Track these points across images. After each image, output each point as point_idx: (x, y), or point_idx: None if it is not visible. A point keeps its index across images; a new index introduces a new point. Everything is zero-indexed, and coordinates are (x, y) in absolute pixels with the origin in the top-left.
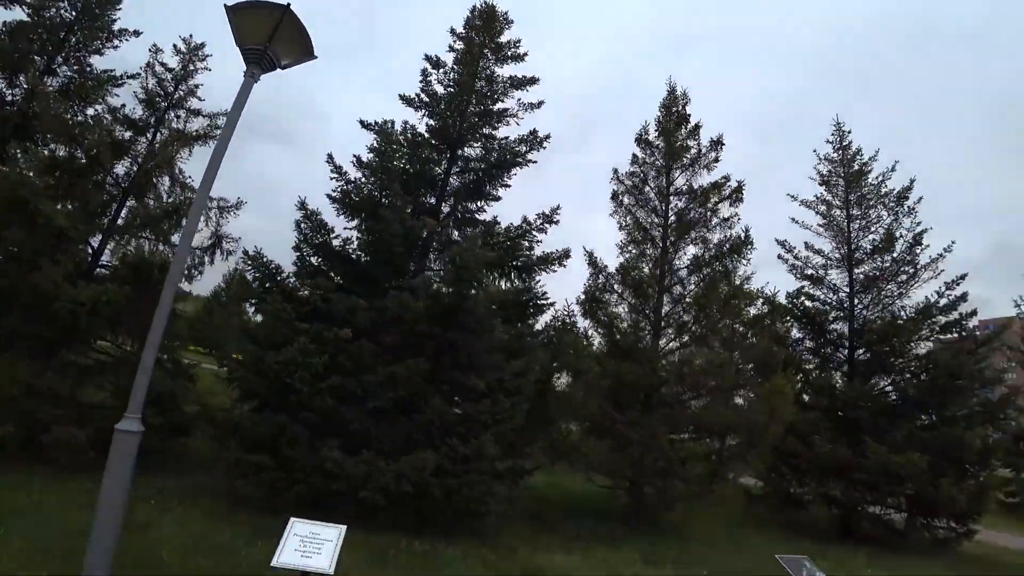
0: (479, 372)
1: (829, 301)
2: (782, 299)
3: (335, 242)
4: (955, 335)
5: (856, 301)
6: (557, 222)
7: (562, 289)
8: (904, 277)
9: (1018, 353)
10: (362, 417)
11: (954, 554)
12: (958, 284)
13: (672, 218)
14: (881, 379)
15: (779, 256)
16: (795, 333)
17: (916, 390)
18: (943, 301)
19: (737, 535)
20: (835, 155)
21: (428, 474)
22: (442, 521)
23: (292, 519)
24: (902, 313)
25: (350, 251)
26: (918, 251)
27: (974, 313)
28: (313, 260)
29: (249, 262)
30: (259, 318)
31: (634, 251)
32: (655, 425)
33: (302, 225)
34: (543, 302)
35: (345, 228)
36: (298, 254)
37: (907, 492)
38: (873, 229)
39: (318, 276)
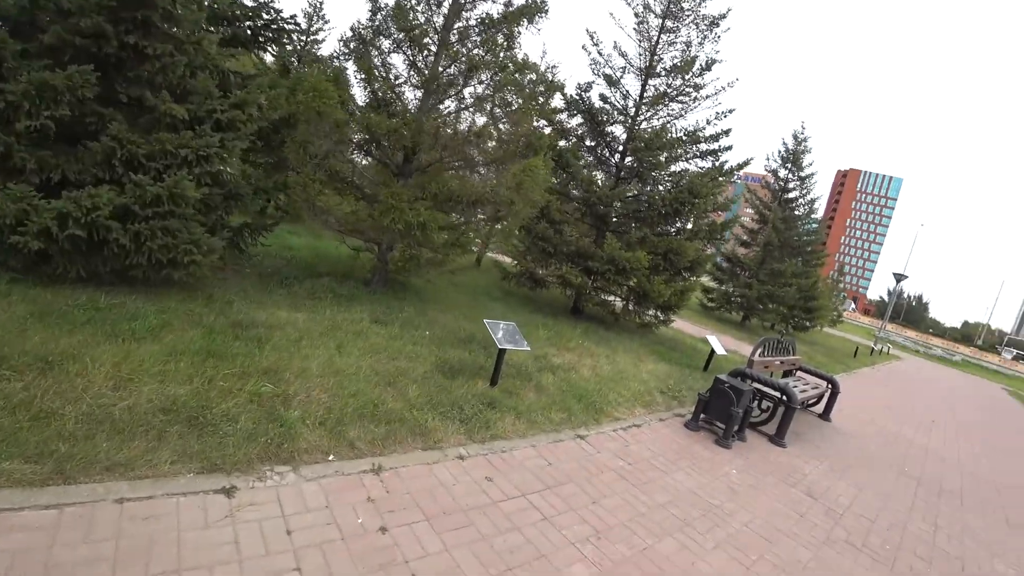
0: (181, 97)
1: (617, 106)
2: (571, 92)
3: None
4: (710, 164)
5: (639, 112)
6: None
7: None
8: (687, 99)
9: (752, 195)
10: (12, 142)
11: (652, 335)
12: (726, 116)
13: None
14: (638, 186)
15: (584, 47)
16: (579, 128)
17: (661, 200)
18: (709, 129)
19: (482, 304)
20: None
21: (106, 216)
22: (145, 273)
23: None
24: (673, 131)
25: None
26: (705, 76)
27: (730, 148)
28: None
29: None
30: None
31: None
32: (403, 188)
33: None
34: (286, 26)
35: None
36: None
37: (630, 284)
38: (679, 46)
39: None
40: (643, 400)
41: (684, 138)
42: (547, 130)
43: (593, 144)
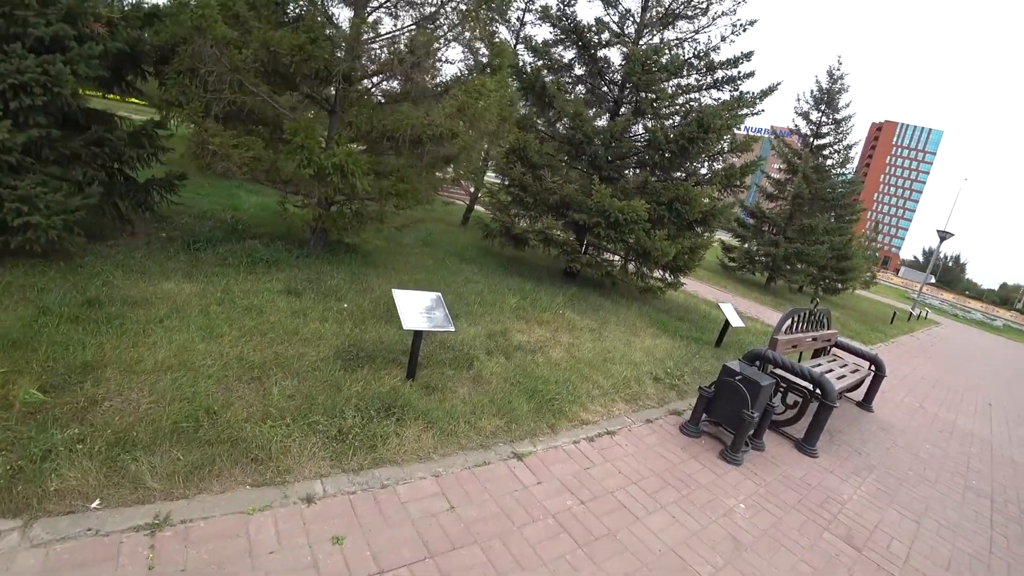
0: None
1: (614, 29)
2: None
3: None
4: (727, 95)
5: (641, 36)
6: None
7: None
8: (697, 13)
9: (780, 142)
10: None
11: (658, 300)
12: (745, 30)
13: None
14: (638, 122)
15: None
16: (567, 54)
17: (664, 136)
18: (725, 51)
19: (447, 268)
20: None
21: None
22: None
23: None
24: (682, 53)
25: None
26: None
27: (752, 75)
28: None
29: None
30: None
31: None
32: (310, 122)
33: None
34: None
35: None
36: None
37: (628, 240)
38: None
39: None
40: (627, 392)
41: (695, 62)
42: (527, 59)
43: (583, 73)
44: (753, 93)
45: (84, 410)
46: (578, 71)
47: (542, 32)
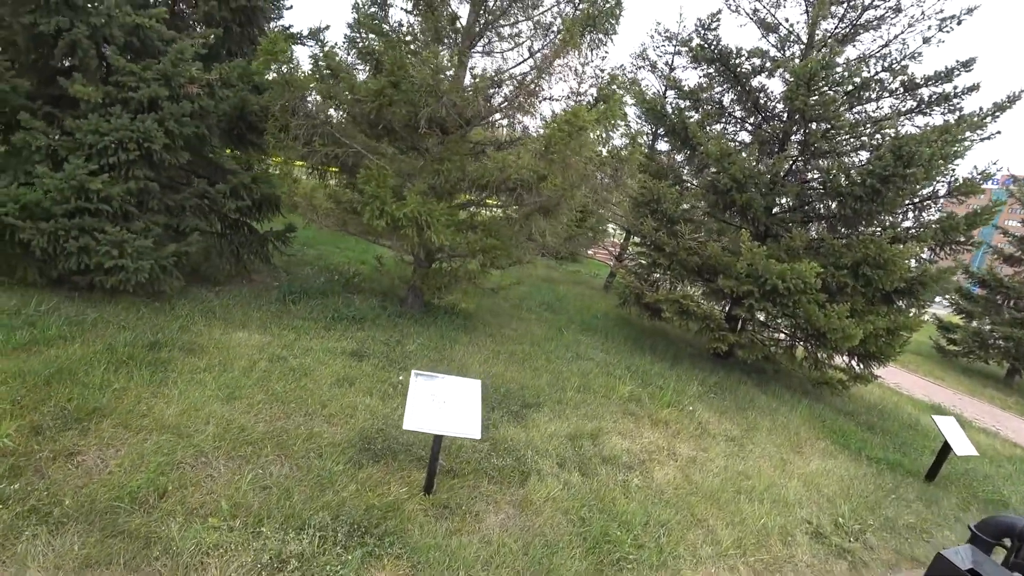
0: (92, 75)
1: (773, 56)
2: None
3: None
4: (939, 119)
5: (808, 57)
6: None
7: None
8: (886, 12)
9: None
10: None
11: (840, 396)
12: (960, 22)
13: None
14: (809, 162)
15: None
16: (724, 97)
17: (846, 178)
18: (929, 57)
19: (562, 339)
20: None
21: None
22: (93, 280)
23: None
24: (862, 69)
25: None
26: None
27: (975, 89)
28: None
29: None
30: None
31: None
32: (384, 170)
33: None
34: None
35: None
36: None
37: (795, 314)
38: None
39: None
40: (761, 556)
41: (886, 78)
42: (671, 97)
43: (743, 114)
44: (981, 110)
45: (50, 462)
46: (737, 112)
47: (692, 76)
